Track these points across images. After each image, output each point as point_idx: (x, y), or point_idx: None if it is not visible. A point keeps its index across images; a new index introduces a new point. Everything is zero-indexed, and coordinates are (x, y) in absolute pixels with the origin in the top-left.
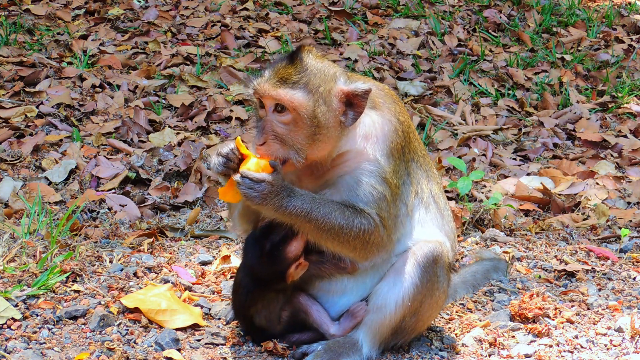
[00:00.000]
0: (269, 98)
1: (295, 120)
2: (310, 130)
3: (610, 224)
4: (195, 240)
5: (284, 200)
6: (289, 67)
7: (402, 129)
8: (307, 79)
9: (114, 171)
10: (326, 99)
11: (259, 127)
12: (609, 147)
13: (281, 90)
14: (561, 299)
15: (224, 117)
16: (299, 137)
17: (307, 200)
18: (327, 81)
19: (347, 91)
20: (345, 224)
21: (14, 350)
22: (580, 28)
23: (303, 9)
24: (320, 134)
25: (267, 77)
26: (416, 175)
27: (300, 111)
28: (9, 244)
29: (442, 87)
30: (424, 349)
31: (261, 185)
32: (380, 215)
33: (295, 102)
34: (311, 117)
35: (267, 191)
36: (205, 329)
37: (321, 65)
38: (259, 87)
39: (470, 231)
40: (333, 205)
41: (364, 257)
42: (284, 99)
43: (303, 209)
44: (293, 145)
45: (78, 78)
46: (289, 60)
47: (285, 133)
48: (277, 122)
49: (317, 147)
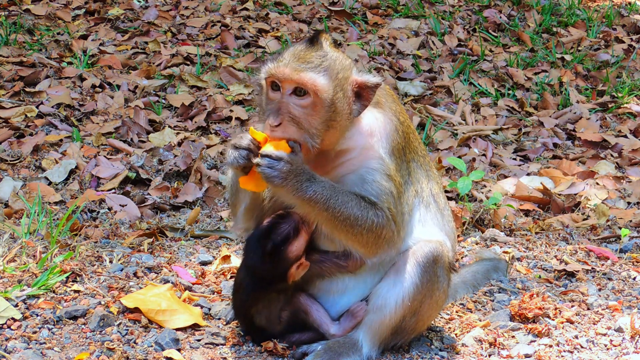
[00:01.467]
0: (290, 81)
1: (315, 103)
2: (326, 115)
3: (610, 224)
4: (195, 240)
5: (304, 184)
6: (309, 50)
7: (402, 128)
8: (328, 64)
9: (114, 171)
10: (343, 86)
11: (270, 109)
12: (609, 147)
13: (304, 74)
14: (561, 299)
15: (224, 117)
16: (316, 122)
17: (327, 186)
18: (345, 69)
19: (360, 82)
20: (360, 215)
21: (14, 350)
22: (580, 28)
23: (303, 9)
24: (335, 120)
25: (287, 61)
26: (416, 174)
27: (321, 95)
28: (9, 244)
29: (442, 87)
30: (424, 349)
31: (280, 163)
32: (391, 210)
33: (318, 86)
34: (330, 103)
35: (287, 170)
36: (205, 329)
37: (338, 54)
38: (276, 70)
39: (470, 231)
40: (351, 195)
41: (374, 252)
42: (307, 82)
43: (323, 195)
44: (309, 129)
45: (78, 78)
46: (309, 43)
47: (302, 116)
48: (295, 104)
49: (330, 134)
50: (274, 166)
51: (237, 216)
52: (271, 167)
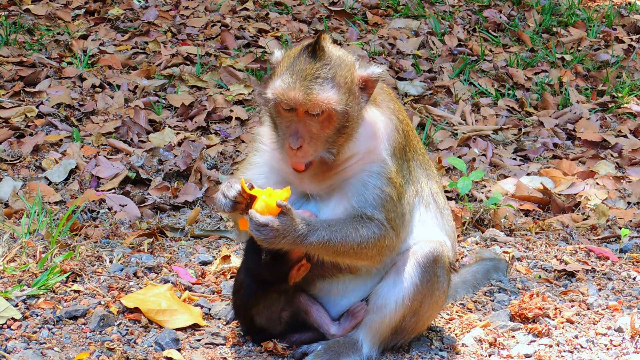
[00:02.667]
0: (304, 106)
1: (330, 116)
2: (341, 123)
3: (610, 224)
4: (195, 240)
5: (297, 239)
6: (314, 63)
7: (402, 127)
8: (334, 72)
9: (114, 171)
10: (350, 88)
11: (284, 128)
12: (609, 147)
13: (315, 97)
14: (561, 299)
15: (224, 117)
16: (330, 132)
17: (323, 230)
18: (350, 70)
19: (365, 77)
20: (361, 240)
21: (14, 350)
22: (580, 28)
23: (303, 9)
24: (348, 125)
25: (294, 84)
26: (416, 173)
27: (336, 108)
28: (9, 244)
29: (442, 87)
30: (424, 349)
31: (265, 229)
32: (388, 217)
33: (331, 103)
34: (343, 111)
35: (273, 235)
36: (205, 329)
37: (340, 53)
38: (288, 97)
39: (470, 231)
40: (347, 225)
41: (379, 261)
42: (322, 104)
43: (321, 240)
44: (326, 141)
45: (78, 78)
46: (311, 55)
47: (319, 132)
48: (311, 122)
49: (344, 139)
50: (261, 231)
51: (239, 233)
52: (258, 230)
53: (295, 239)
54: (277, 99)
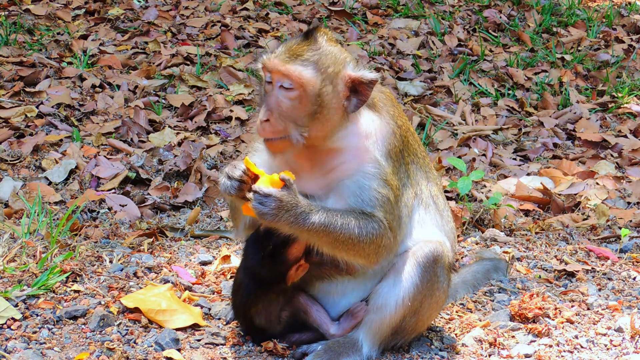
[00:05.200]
0: (278, 73)
1: (301, 97)
2: (312, 108)
3: (610, 224)
4: (195, 240)
5: (299, 217)
6: (302, 44)
7: (400, 132)
8: (318, 58)
9: (114, 171)
10: (333, 81)
11: (260, 104)
12: (609, 147)
13: (290, 66)
14: (561, 299)
15: (224, 117)
16: (301, 114)
17: (323, 213)
18: (336, 63)
19: (354, 77)
20: (360, 232)
21: (14, 350)
22: (580, 28)
23: (303, 9)
24: (321, 113)
25: (279, 53)
26: (415, 176)
27: (306, 88)
28: (9, 244)
29: (442, 87)
30: (424, 349)
31: (269, 199)
32: (387, 218)
33: (303, 79)
34: (316, 95)
35: (277, 206)
36: (205, 329)
37: (333, 48)
38: (268, 61)
39: (470, 231)
40: (348, 215)
41: (375, 261)
42: (293, 74)
43: (321, 223)
44: (295, 121)
45: (78, 78)
46: (303, 37)
47: (289, 109)
48: (283, 97)
49: (317, 127)
50: (264, 202)
51: (238, 229)
52: (261, 203)
53: (297, 216)
54: (261, 62)
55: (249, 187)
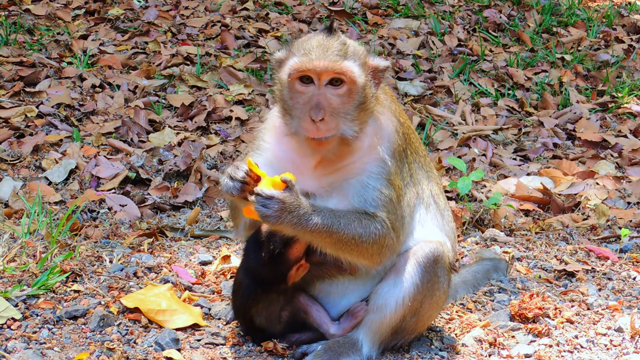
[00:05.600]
0: (330, 73)
1: (350, 90)
2: (359, 99)
3: (610, 224)
4: (195, 240)
5: (302, 217)
6: (333, 40)
7: (402, 130)
8: (352, 50)
9: (114, 171)
10: (365, 70)
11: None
12: (609, 147)
13: (342, 64)
14: (561, 299)
15: (224, 117)
16: (351, 108)
17: (327, 214)
18: (364, 54)
19: (374, 65)
20: (363, 232)
21: (14, 350)
22: (580, 28)
23: (303, 9)
24: (365, 104)
25: (318, 53)
26: (417, 175)
27: (357, 81)
28: (9, 244)
29: (442, 87)
30: (424, 349)
31: (272, 201)
32: (390, 218)
33: (354, 73)
34: (363, 86)
35: (279, 208)
36: (205, 329)
37: (351, 40)
38: (313, 65)
39: (470, 231)
40: (351, 215)
41: (378, 261)
42: (346, 71)
43: (324, 224)
44: (346, 117)
45: (78, 78)
46: (328, 33)
47: (340, 106)
48: (332, 95)
49: (362, 119)
50: (267, 205)
51: (238, 229)
52: (264, 206)
53: (300, 217)
54: (300, 68)
55: (251, 189)
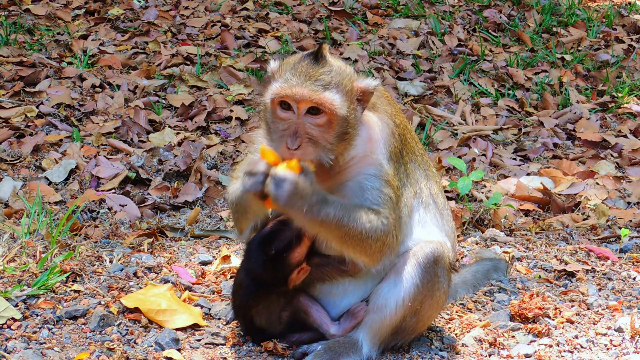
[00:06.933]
0: (308, 102)
1: (330, 121)
2: (341, 129)
3: (610, 224)
4: (195, 240)
5: (314, 206)
6: (317, 67)
7: (398, 132)
8: (337, 79)
9: (114, 171)
10: (350, 98)
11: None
12: (609, 147)
13: (321, 95)
14: (561, 299)
15: (224, 117)
16: (331, 137)
17: (338, 206)
18: (350, 80)
19: (363, 88)
20: (370, 227)
21: (14, 350)
22: (580, 28)
23: (303, 9)
24: (348, 132)
25: (298, 81)
26: (415, 175)
27: (337, 112)
28: (9, 244)
29: (442, 87)
30: (424, 349)
31: (285, 182)
32: (391, 216)
33: (334, 104)
34: (344, 117)
35: (291, 190)
36: (205, 329)
37: (340, 63)
38: (292, 92)
39: (470, 231)
40: (359, 210)
41: (378, 259)
42: (325, 102)
43: (336, 215)
44: (325, 145)
45: (78, 78)
46: (313, 60)
47: (318, 135)
48: (310, 124)
49: (343, 146)
50: (280, 185)
51: (242, 233)
52: (276, 185)
53: (312, 205)
54: (279, 94)
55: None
